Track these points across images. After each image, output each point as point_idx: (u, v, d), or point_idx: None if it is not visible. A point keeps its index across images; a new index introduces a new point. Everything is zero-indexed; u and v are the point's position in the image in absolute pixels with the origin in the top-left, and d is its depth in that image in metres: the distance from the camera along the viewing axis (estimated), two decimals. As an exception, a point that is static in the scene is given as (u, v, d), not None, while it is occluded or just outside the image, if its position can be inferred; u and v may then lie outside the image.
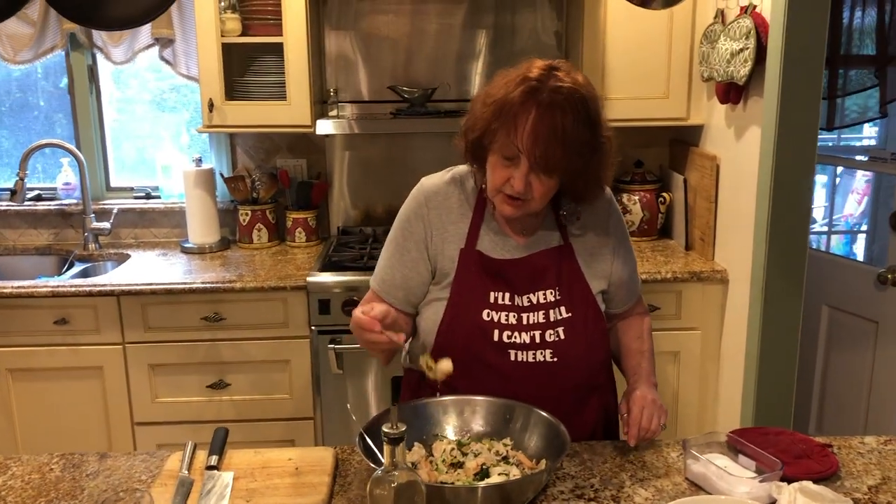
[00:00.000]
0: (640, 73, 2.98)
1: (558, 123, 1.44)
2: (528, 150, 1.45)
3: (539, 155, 1.45)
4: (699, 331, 2.86)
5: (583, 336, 1.61)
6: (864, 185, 4.56)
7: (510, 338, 1.58)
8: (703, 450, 1.49)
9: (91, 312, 2.77)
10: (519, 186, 1.48)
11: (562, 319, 1.60)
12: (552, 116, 1.44)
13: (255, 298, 2.77)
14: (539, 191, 1.51)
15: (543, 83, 1.46)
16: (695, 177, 3.02)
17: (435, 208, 1.65)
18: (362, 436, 1.37)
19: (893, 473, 1.48)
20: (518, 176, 1.48)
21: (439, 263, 1.64)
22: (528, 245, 1.64)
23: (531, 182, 1.49)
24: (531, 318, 1.59)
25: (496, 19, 3.27)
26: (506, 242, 1.64)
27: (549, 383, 1.58)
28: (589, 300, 1.63)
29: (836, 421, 3.20)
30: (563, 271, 1.62)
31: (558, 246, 1.64)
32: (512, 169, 1.49)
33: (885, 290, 2.91)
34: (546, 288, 1.61)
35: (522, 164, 1.47)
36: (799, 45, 2.33)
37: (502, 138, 1.48)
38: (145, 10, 1.52)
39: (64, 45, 3.19)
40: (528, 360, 1.58)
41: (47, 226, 3.37)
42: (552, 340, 1.59)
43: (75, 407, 2.84)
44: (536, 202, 1.53)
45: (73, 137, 3.37)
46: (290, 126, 2.99)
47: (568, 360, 1.59)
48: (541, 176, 1.49)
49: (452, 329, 1.60)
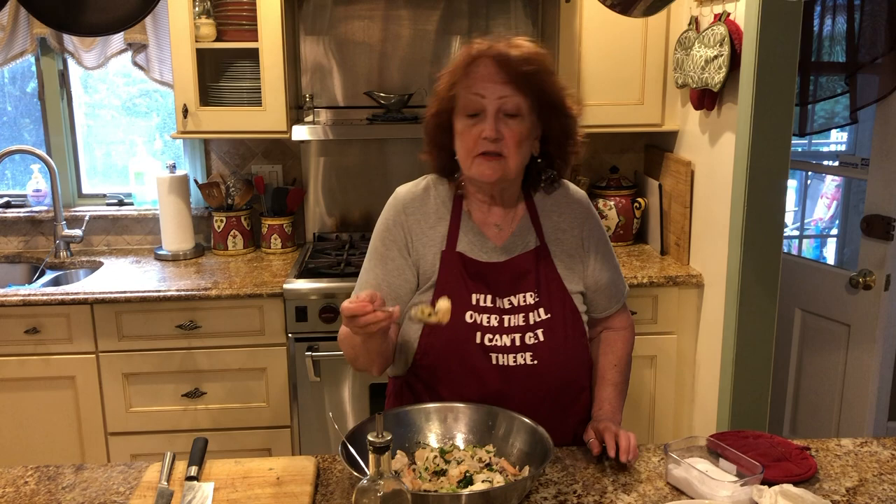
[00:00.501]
0: (615, 79, 3.00)
1: (512, 58, 1.51)
2: (489, 90, 1.51)
3: (500, 93, 1.51)
4: (675, 335, 2.88)
5: (562, 337, 1.61)
6: (834, 189, 4.64)
7: (492, 340, 1.59)
8: (684, 454, 1.50)
9: (63, 321, 2.73)
10: (490, 131, 1.51)
11: (540, 321, 1.60)
12: (506, 57, 1.51)
13: (231, 306, 2.75)
14: (511, 138, 1.53)
15: (490, 44, 1.54)
16: (670, 182, 3.05)
17: (413, 214, 1.66)
18: (345, 444, 1.36)
19: (870, 475, 1.50)
20: (488, 122, 1.51)
21: (421, 268, 1.64)
22: (506, 247, 1.65)
23: (501, 130, 1.52)
24: (512, 320, 1.60)
25: (470, 25, 3.27)
26: (484, 243, 1.64)
27: (531, 386, 1.58)
28: (566, 301, 1.64)
29: (810, 422, 3.24)
30: (541, 273, 1.63)
31: (535, 248, 1.65)
32: (479, 124, 1.53)
33: (856, 294, 2.96)
34: (525, 291, 1.62)
35: (488, 110, 1.52)
36: (772, 52, 2.36)
37: (462, 97, 1.53)
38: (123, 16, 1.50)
39: (34, 50, 3.15)
40: (509, 364, 1.58)
41: (17, 233, 3.32)
42: (532, 343, 1.59)
43: (47, 418, 2.79)
44: (512, 154, 1.54)
45: (42, 143, 3.32)
46: (265, 132, 2.97)
47: (548, 362, 1.59)
48: (508, 122, 1.52)
49: (435, 330, 1.59)
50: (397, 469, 1.41)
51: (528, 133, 1.56)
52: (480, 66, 1.53)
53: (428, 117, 1.63)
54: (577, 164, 3.33)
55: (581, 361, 1.68)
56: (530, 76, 1.52)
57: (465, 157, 1.57)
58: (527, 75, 1.52)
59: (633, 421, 2.90)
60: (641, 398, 2.93)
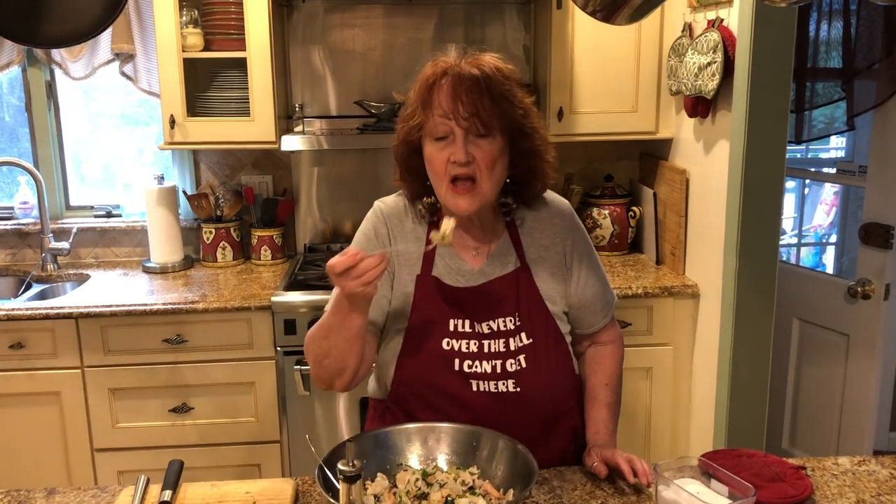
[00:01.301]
0: (608, 87, 2.96)
1: (476, 76, 1.44)
2: (454, 110, 1.44)
3: (467, 113, 1.43)
4: (671, 346, 2.83)
5: (544, 363, 1.56)
6: (833, 195, 4.59)
7: (471, 367, 1.53)
8: (675, 475, 1.44)
9: (48, 336, 2.68)
10: (460, 154, 1.44)
11: (522, 347, 1.55)
12: (469, 76, 1.44)
13: (219, 319, 2.70)
14: (483, 159, 1.46)
15: (451, 63, 1.48)
16: (664, 191, 3.00)
17: (393, 227, 1.61)
18: (322, 468, 1.31)
19: (868, 496, 1.45)
20: (457, 146, 1.45)
21: (397, 283, 1.59)
22: (483, 270, 1.59)
23: (471, 152, 1.45)
24: (492, 345, 1.54)
25: (465, 33, 3.24)
26: (461, 267, 1.59)
27: (514, 413, 1.53)
28: (549, 324, 1.58)
29: (810, 434, 3.19)
30: (522, 296, 1.57)
31: (515, 269, 1.59)
32: (448, 147, 1.46)
33: (855, 303, 2.91)
34: (505, 315, 1.56)
35: (456, 131, 1.45)
36: (766, 58, 2.32)
37: (428, 121, 1.47)
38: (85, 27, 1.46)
39: (21, 61, 3.11)
40: (490, 390, 1.53)
41: (4, 246, 3.28)
42: (514, 370, 1.54)
43: (32, 434, 2.75)
44: (485, 177, 1.47)
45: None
46: (254, 142, 2.93)
47: (531, 389, 1.54)
48: (478, 142, 1.45)
49: (411, 360, 1.55)
50: (377, 493, 1.36)
51: (499, 153, 1.49)
52: (445, 86, 1.45)
53: (397, 143, 1.56)
54: (570, 172, 3.29)
55: (565, 386, 1.62)
56: (496, 94, 1.45)
57: (439, 184, 1.50)
58: (492, 93, 1.45)
59: (629, 435, 2.85)
60: (637, 411, 2.88)
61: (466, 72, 1.45)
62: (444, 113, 1.45)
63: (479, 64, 1.47)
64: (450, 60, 1.49)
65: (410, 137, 1.51)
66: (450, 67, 1.47)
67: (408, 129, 1.51)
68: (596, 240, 3.17)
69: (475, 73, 1.45)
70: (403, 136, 1.53)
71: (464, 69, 1.46)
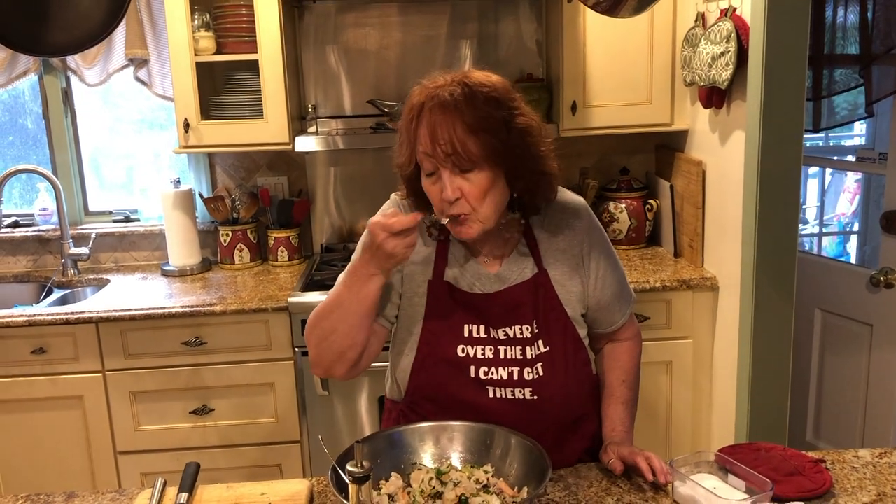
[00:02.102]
0: (622, 79, 2.93)
1: (450, 111, 1.37)
2: (433, 149, 1.39)
3: (446, 150, 1.38)
4: (690, 339, 2.80)
5: (562, 371, 1.53)
6: (855, 184, 4.53)
7: (487, 374, 1.51)
8: (692, 470, 1.43)
9: (70, 340, 2.71)
10: (448, 193, 1.40)
11: (540, 355, 1.52)
12: (442, 109, 1.38)
13: (237, 321, 2.72)
14: (473, 194, 1.41)
15: (433, 92, 1.41)
16: (681, 183, 2.98)
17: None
18: (335, 469, 1.31)
19: (889, 489, 1.42)
20: (445, 182, 1.40)
21: (406, 284, 1.57)
22: (500, 276, 1.55)
23: (460, 187, 1.40)
24: (508, 352, 1.52)
25: (479, 29, 3.22)
26: (477, 271, 1.56)
27: (530, 420, 1.51)
28: (567, 330, 1.55)
29: (834, 426, 3.15)
30: (540, 302, 1.54)
31: (533, 276, 1.56)
32: (438, 182, 1.42)
33: (878, 293, 2.87)
34: (522, 322, 1.53)
35: (441, 171, 1.41)
36: (780, 46, 2.28)
37: (417, 155, 1.43)
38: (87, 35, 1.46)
39: (37, 69, 3.14)
40: (507, 397, 1.51)
41: (25, 252, 3.32)
42: (531, 378, 1.51)
43: (56, 438, 2.78)
44: (479, 210, 1.43)
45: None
46: (268, 144, 2.94)
47: (548, 397, 1.52)
48: (466, 176, 1.40)
49: (426, 367, 1.53)
50: (391, 492, 1.35)
51: (489, 183, 1.42)
52: (424, 119, 1.39)
53: (395, 167, 1.52)
54: (585, 167, 3.27)
55: (584, 394, 1.60)
56: (470, 123, 1.38)
57: (440, 214, 1.47)
58: (466, 122, 1.37)
59: (650, 430, 2.83)
60: (658, 405, 2.86)
61: (442, 99, 1.39)
62: (426, 151, 1.41)
63: (459, 84, 1.40)
64: (432, 85, 1.43)
65: (406, 165, 1.48)
66: (428, 97, 1.40)
67: (403, 159, 1.47)
68: (613, 234, 3.15)
69: (448, 99, 1.38)
70: (400, 162, 1.49)
71: (440, 95, 1.39)
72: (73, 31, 1.44)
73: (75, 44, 1.49)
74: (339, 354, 1.49)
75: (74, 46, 1.52)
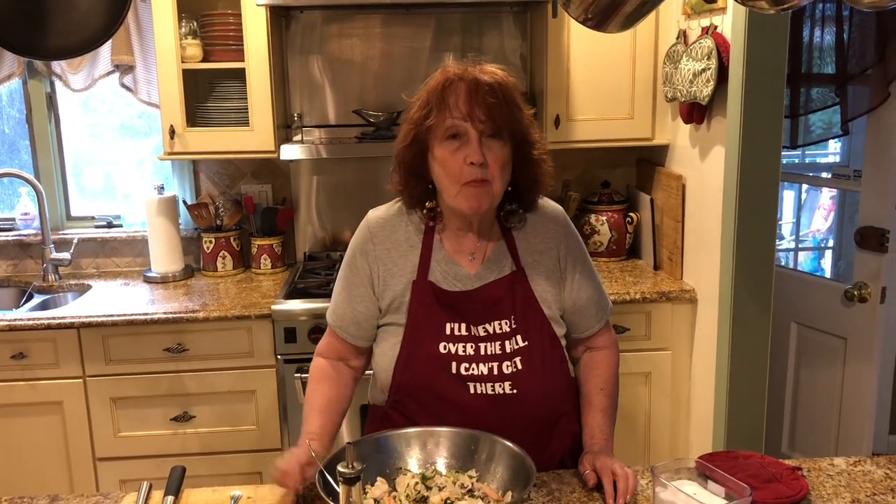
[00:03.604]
0: (604, 93, 2.98)
1: (491, 83, 1.50)
2: (470, 112, 1.49)
3: (482, 116, 1.48)
4: (669, 351, 2.84)
5: (540, 365, 1.58)
6: (830, 200, 4.61)
7: (468, 370, 1.55)
8: (672, 476, 1.46)
9: (50, 346, 2.70)
10: (476, 155, 1.48)
11: (518, 349, 1.57)
12: (484, 82, 1.50)
13: (219, 328, 2.72)
14: (495, 162, 1.50)
15: (464, 70, 1.52)
16: (661, 196, 3.02)
17: (381, 243, 1.63)
18: (322, 473, 1.33)
19: (863, 495, 1.46)
20: (472, 146, 1.49)
21: (387, 299, 1.62)
22: (479, 274, 1.61)
23: (485, 154, 1.49)
24: (488, 348, 1.57)
25: (463, 41, 3.26)
26: (457, 272, 1.61)
27: (511, 415, 1.55)
28: (544, 327, 1.60)
29: (808, 437, 3.20)
30: (518, 299, 1.59)
31: (511, 273, 1.62)
32: (462, 148, 1.50)
33: (852, 307, 2.93)
34: (501, 318, 1.58)
35: (470, 133, 1.49)
36: (760, 64, 2.34)
37: (440, 123, 1.50)
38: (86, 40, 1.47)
39: (21, 73, 3.14)
40: (487, 393, 1.55)
41: (6, 257, 3.30)
42: (510, 372, 1.55)
43: (35, 444, 2.76)
44: (497, 179, 1.52)
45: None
46: (253, 152, 2.95)
47: (527, 390, 1.56)
48: (491, 144, 1.50)
49: (410, 364, 1.57)
50: (377, 497, 1.37)
51: (509, 157, 1.54)
52: (461, 89, 1.50)
53: (402, 147, 1.58)
54: (568, 179, 3.31)
55: (561, 388, 1.64)
56: (509, 101, 1.51)
57: (451, 185, 1.52)
58: (506, 99, 1.50)
59: (628, 440, 2.86)
60: (637, 415, 2.89)
61: (481, 78, 1.50)
62: (462, 115, 1.49)
63: (490, 71, 1.53)
64: (461, 67, 1.53)
65: (420, 138, 1.54)
66: (464, 73, 1.51)
67: (418, 130, 1.53)
68: (594, 246, 3.19)
69: (489, 80, 1.50)
70: (412, 137, 1.55)
71: (479, 76, 1.51)
72: (71, 36, 1.45)
73: (74, 48, 1.50)
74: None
75: (73, 50, 1.53)
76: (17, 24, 1.44)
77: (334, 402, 1.65)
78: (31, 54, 1.66)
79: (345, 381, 1.69)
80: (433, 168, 1.55)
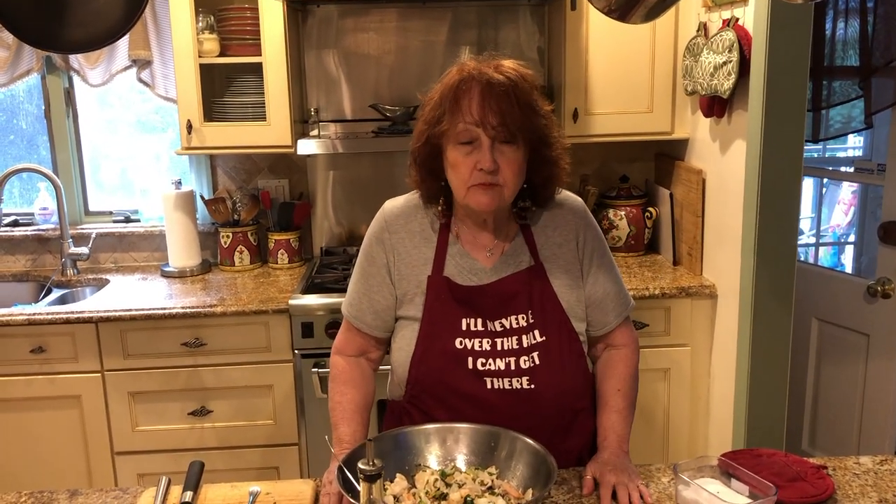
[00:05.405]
0: (623, 87, 2.95)
1: (506, 84, 1.46)
2: (483, 119, 1.46)
3: (495, 122, 1.45)
4: (689, 347, 2.82)
5: (558, 360, 1.56)
6: (851, 195, 4.56)
7: (485, 365, 1.54)
8: (695, 474, 1.44)
9: (69, 340, 2.71)
10: (487, 162, 1.45)
11: (536, 344, 1.55)
12: (498, 83, 1.46)
13: (237, 322, 2.72)
14: (508, 167, 1.48)
15: (479, 69, 1.49)
16: (681, 191, 2.99)
17: (396, 233, 1.62)
18: (341, 469, 1.32)
19: (890, 495, 1.44)
20: (484, 153, 1.46)
21: (403, 289, 1.61)
22: (496, 269, 1.59)
23: (497, 159, 1.47)
24: (505, 343, 1.55)
25: (479, 35, 3.24)
26: (473, 266, 1.59)
27: (528, 410, 1.53)
28: (563, 322, 1.58)
29: (829, 435, 3.16)
30: (535, 293, 1.58)
31: (529, 267, 1.60)
32: (474, 153, 1.47)
33: (875, 303, 2.89)
34: (517, 312, 1.56)
35: (483, 139, 1.47)
36: (782, 57, 2.31)
37: (453, 127, 1.48)
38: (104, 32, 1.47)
39: (40, 69, 3.15)
40: (504, 388, 1.53)
41: (25, 251, 3.31)
42: (527, 367, 1.54)
43: (53, 438, 2.77)
44: (509, 183, 1.49)
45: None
46: (270, 146, 2.95)
47: (545, 385, 1.54)
48: (504, 149, 1.47)
49: (425, 360, 1.56)
50: (396, 493, 1.36)
51: (523, 160, 1.51)
52: (474, 92, 1.46)
53: (417, 145, 1.56)
54: (586, 174, 3.29)
55: (579, 384, 1.62)
56: (523, 103, 1.48)
57: (460, 187, 1.51)
58: (520, 102, 1.47)
59: (647, 436, 2.84)
60: (655, 412, 2.87)
61: (496, 79, 1.46)
62: (474, 120, 1.46)
63: (506, 71, 1.48)
64: (476, 66, 1.49)
65: (433, 140, 1.52)
66: (478, 74, 1.47)
67: (432, 133, 1.51)
68: (612, 241, 3.17)
69: (504, 81, 1.46)
70: (426, 137, 1.53)
71: (493, 76, 1.46)
72: (89, 27, 1.45)
73: (92, 39, 1.49)
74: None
75: (91, 42, 1.52)
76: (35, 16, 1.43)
77: (362, 407, 1.64)
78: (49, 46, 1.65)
79: (367, 379, 1.68)
80: (446, 168, 1.54)
